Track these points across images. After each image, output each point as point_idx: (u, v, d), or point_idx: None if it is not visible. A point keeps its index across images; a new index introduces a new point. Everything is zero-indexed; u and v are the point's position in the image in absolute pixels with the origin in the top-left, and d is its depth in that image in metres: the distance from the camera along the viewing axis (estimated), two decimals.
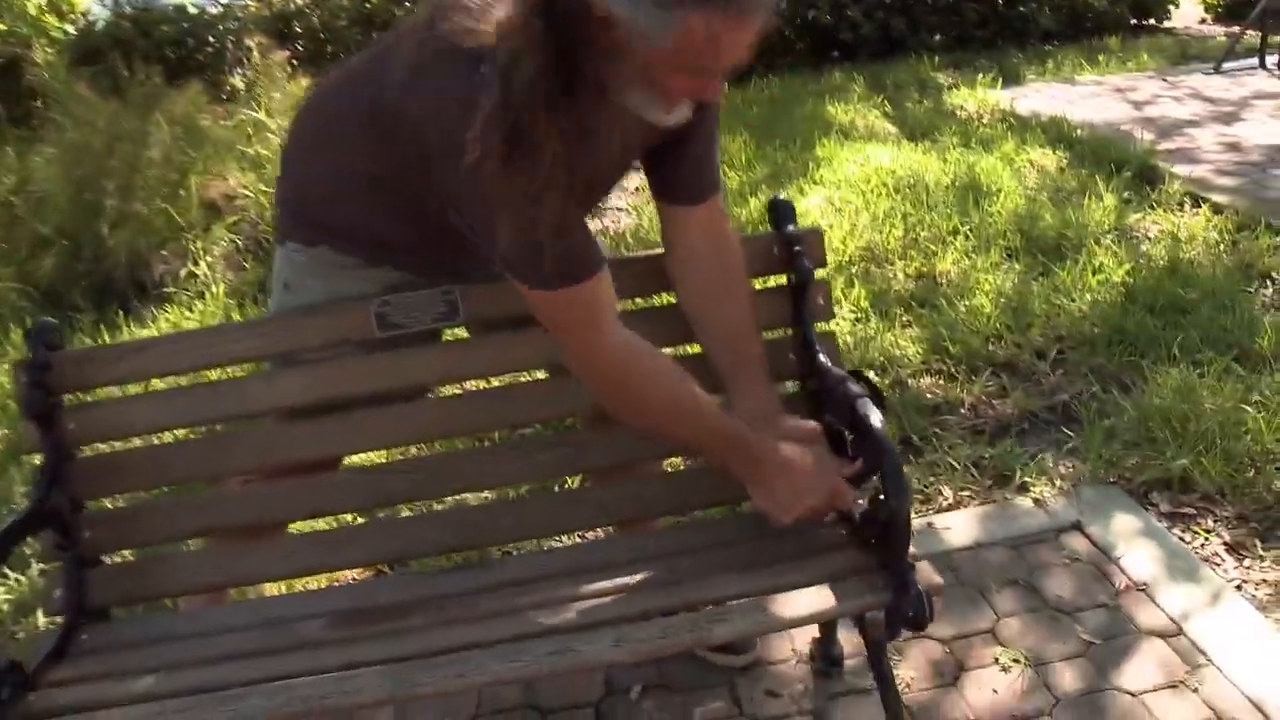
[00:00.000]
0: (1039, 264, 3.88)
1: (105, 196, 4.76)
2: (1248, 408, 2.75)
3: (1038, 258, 3.94)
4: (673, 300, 1.74)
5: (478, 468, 1.77)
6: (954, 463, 2.71)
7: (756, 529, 1.73)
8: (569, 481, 2.42)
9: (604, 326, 1.48)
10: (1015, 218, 4.26)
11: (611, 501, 1.76)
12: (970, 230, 4.19)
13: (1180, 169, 4.74)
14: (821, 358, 1.76)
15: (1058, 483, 2.63)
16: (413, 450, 2.56)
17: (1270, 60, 6.79)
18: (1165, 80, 6.77)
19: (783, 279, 1.83)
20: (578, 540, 2.27)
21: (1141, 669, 1.98)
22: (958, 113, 6.18)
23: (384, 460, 2.19)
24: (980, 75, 6.96)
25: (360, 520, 2.19)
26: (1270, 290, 3.65)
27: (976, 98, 6.42)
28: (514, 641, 1.48)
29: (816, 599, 1.50)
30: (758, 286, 1.90)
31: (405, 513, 2.30)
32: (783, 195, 1.88)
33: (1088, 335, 3.33)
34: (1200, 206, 4.35)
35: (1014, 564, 2.32)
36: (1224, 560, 2.31)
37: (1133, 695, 1.92)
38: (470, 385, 2.59)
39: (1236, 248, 3.94)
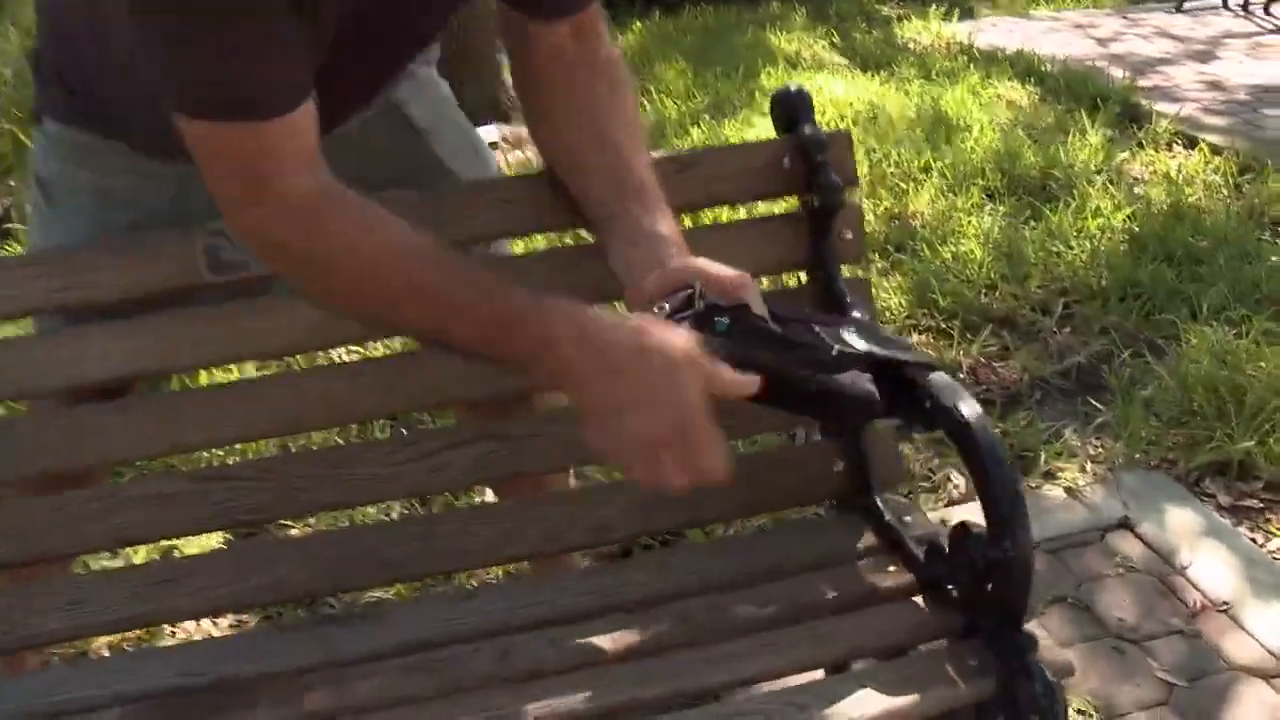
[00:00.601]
0: (1026, 205, 3.41)
1: None
2: None
3: (1023, 199, 3.47)
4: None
5: (365, 472, 1.21)
6: None
7: (767, 557, 1.21)
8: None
9: (293, 171, 0.94)
10: (993, 155, 3.78)
11: (561, 522, 1.22)
12: (944, 167, 3.70)
13: (1163, 107, 4.30)
14: (855, 315, 1.24)
15: (1089, 467, 2.16)
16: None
17: (1234, 1, 6.40)
18: (1126, 18, 6.35)
19: (792, 202, 1.30)
20: (508, 577, 1.72)
21: None
22: (911, 45, 5.69)
23: (231, 461, 1.62)
24: (933, 7, 6.46)
25: (196, 550, 1.63)
26: None
27: (931, 30, 5.93)
28: None
29: (878, 689, 0.98)
30: (760, 213, 1.38)
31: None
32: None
33: (1095, 288, 2.87)
34: (1192, 147, 3.92)
35: (1057, 574, 1.84)
36: None
37: None
38: (349, 353, 2.06)
39: (1240, 192, 3.52)
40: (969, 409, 0.99)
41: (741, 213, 1.40)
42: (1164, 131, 4.01)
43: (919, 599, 1.10)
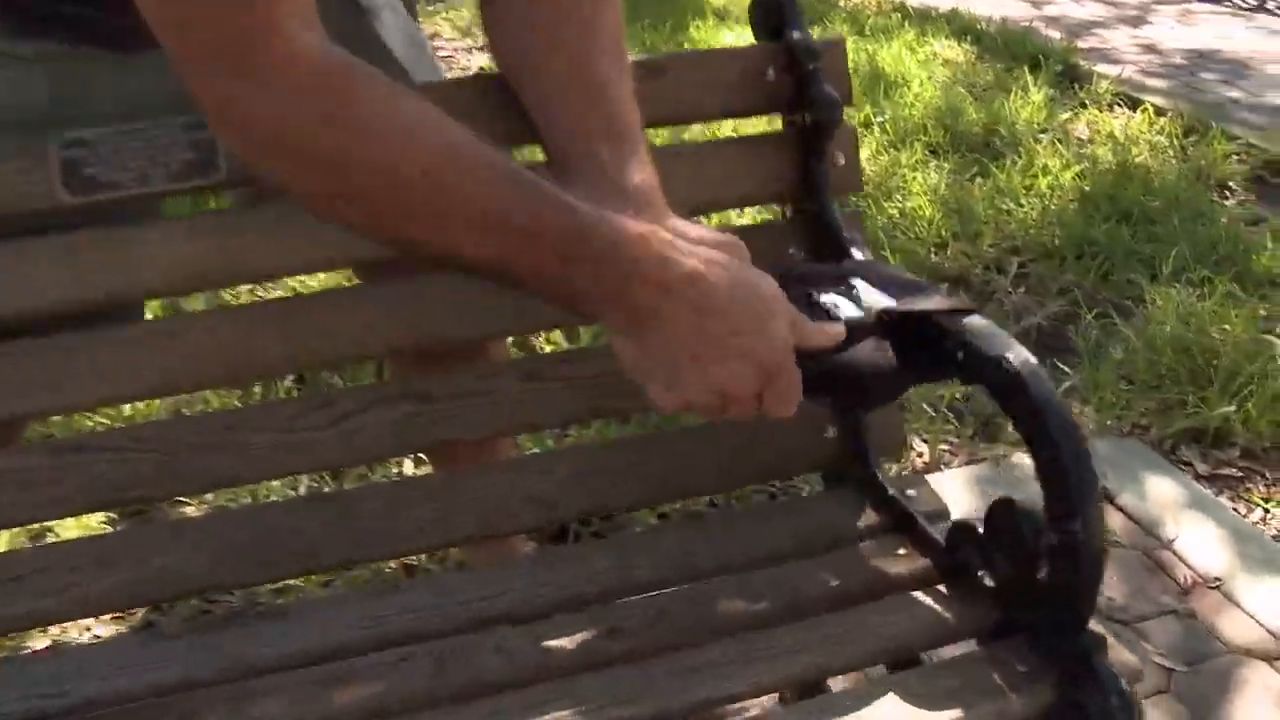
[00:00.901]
0: (971, 162, 3.28)
1: None
2: (1275, 339, 2.20)
3: (967, 155, 3.34)
4: None
5: (263, 439, 1.00)
6: (927, 406, 2.07)
7: (751, 540, 1.02)
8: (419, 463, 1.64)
9: (292, 23, 0.70)
10: (934, 111, 3.64)
11: (508, 497, 1.02)
12: (885, 123, 3.55)
13: (1102, 68, 4.21)
14: (855, 253, 1.06)
15: None
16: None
17: None
18: None
19: (775, 122, 1.12)
20: (441, 566, 1.51)
21: (1257, 713, 1.39)
22: (842, 2, 5.54)
23: (107, 426, 1.38)
24: None
25: (72, 534, 1.39)
26: (1232, 201, 3.16)
27: None
28: None
29: (912, 702, 0.80)
30: (735, 132, 1.18)
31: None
32: None
33: (1049, 246, 2.75)
34: (1134, 108, 3.83)
35: None
36: None
37: None
38: (244, 294, 1.83)
39: (1186, 153, 3.43)
40: (1017, 357, 0.81)
41: (715, 130, 1.19)
42: (1105, 92, 3.91)
43: (941, 588, 0.93)
